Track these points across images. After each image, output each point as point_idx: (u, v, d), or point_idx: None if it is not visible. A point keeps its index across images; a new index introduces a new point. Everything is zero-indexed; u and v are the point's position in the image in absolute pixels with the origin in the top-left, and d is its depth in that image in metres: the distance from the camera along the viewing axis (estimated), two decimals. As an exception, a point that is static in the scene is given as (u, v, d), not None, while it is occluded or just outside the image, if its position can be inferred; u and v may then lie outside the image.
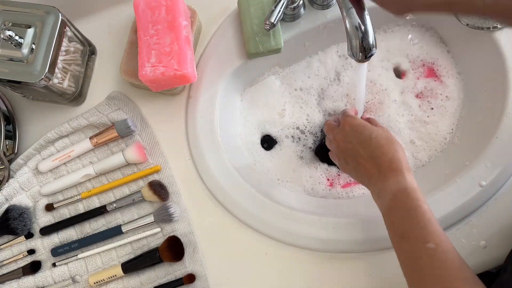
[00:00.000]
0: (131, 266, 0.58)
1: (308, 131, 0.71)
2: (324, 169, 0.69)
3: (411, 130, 0.69)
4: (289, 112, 0.73)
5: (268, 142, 0.72)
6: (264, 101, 0.74)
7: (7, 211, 0.59)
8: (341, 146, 0.52)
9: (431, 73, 0.70)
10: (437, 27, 0.69)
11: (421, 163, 0.67)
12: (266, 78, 0.71)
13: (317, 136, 0.72)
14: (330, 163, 0.68)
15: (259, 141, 0.71)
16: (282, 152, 0.71)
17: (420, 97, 0.69)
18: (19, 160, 0.63)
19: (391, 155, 0.47)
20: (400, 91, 0.69)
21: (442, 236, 0.42)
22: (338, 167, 0.67)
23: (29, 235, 0.61)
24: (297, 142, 0.72)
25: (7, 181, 0.61)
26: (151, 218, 0.59)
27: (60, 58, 0.57)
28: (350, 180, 0.68)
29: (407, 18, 0.57)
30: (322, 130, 0.71)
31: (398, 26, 0.70)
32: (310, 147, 0.71)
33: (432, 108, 0.69)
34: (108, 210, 0.60)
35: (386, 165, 0.46)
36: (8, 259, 0.60)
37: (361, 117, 0.56)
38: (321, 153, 0.68)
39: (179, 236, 0.59)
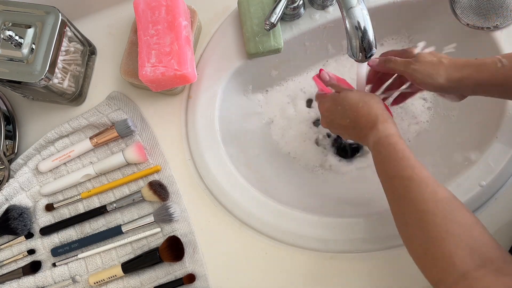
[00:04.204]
0: (131, 266, 0.58)
1: (308, 130, 0.71)
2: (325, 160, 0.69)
3: (413, 130, 0.69)
4: (290, 112, 0.73)
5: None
6: (264, 101, 0.74)
7: (7, 211, 0.59)
8: (329, 128, 0.56)
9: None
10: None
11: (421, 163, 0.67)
12: (268, 78, 0.71)
13: (320, 132, 0.72)
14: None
15: (258, 140, 0.71)
16: (283, 150, 0.71)
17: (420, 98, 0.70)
18: (19, 160, 0.63)
19: (366, 113, 0.50)
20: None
21: (416, 168, 0.44)
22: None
23: (29, 235, 0.61)
24: (298, 141, 0.72)
25: (7, 181, 0.61)
26: (151, 218, 0.59)
27: (60, 58, 0.57)
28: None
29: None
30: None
31: (393, 39, 0.72)
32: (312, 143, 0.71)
33: (432, 109, 0.69)
34: (108, 210, 0.60)
35: (364, 125, 0.50)
36: (8, 259, 0.60)
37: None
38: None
39: (179, 236, 0.59)
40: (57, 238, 0.61)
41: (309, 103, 0.73)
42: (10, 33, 0.52)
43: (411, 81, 0.52)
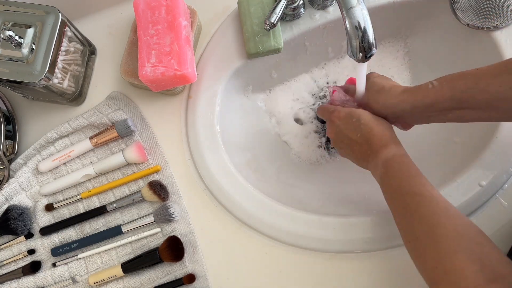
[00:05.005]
0: (131, 266, 0.58)
1: (310, 130, 0.71)
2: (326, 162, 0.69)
3: (413, 130, 0.68)
4: (289, 112, 0.73)
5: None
6: (264, 101, 0.74)
7: (7, 211, 0.59)
8: (334, 138, 0.57)
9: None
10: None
11: (421, 163, 0.66)
12: (268, 78, 0.71)
13: (320, 133, 0.72)
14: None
15: (259, 140, 0.71)
16: (282, 149, 0.71)
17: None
18: (19, 160, 0.63)
19: (381, 134, 0.52)
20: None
21: (428, 186, 0.46)
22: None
23: (29, 235, 0.61)
24: (298, 140, 0.72)
25: (7, 181, 0.61)
26: (151, 218, 0.59)
27: (60, 58, 0.57)
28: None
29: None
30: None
31: (390, 42, 0.72)
32: (312, 144, 0.71)
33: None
34: (108, 210, 0.60)
35: (377, 143, 0.51)
36: (8, 259, 0.60)
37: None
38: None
39: (179, 236, 0.59)
40: (57, 238, 0.61)
41: (308, 102, 0.73)
42: (10, 33, 0.52)
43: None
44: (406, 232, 0.45)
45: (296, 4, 0.60)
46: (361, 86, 0.56)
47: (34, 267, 0.60)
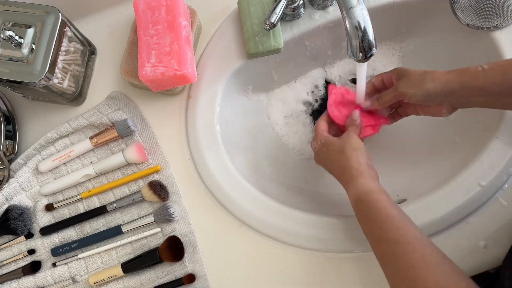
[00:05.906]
0: (131, 266, 0.58)
1: (310, 130, 0.71)
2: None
3: (413, 130, 0.69)
4: (290, 112, 0.73)
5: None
6: (264, 101, 0.74)
7: (7, 211, 0.59)
8: (317, 159, 0.58)
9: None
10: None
11: (422, 163, 0.67)
12: (268, 78, 0.71)
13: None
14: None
15: (259, 140, 0.71)
16: (282, 149, 0.71)
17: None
18: (19, 160, 0.63)
19: (343, 165, 0.51)
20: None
21: (401, 229, 0.43)
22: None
23: (29, 235, 0.61)
24: (298, 141, 0.72)
25: (7, 181, 0.61)
26: (151, 218, 0.59)
27: (60, 58, 0.57)
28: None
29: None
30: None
31: (386, 45, 0.72)
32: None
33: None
34: (108, 210, 0.60)
35: (341, 177, 0.51)
36: (8, 259, 0.60)
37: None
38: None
39: (179, 236, 0.59)
40: (57, 238, 0.61)
41: (308, 103, 0.73)
42: (10, 33, 0.52)
43: (403, 99, 0.53)
44: (389, 283, 0.43)
45: (296, 4, 0.60)
46: (361, 87, 0.56)
47: (34, 267, 0.60)
